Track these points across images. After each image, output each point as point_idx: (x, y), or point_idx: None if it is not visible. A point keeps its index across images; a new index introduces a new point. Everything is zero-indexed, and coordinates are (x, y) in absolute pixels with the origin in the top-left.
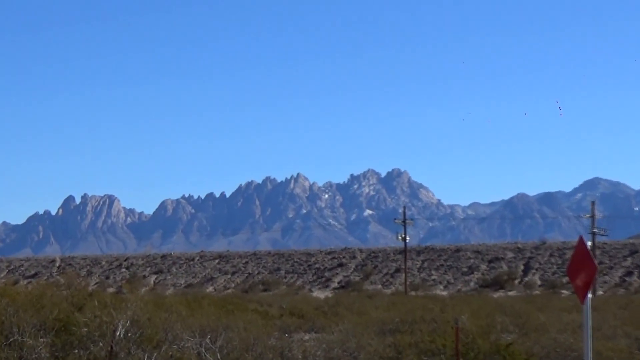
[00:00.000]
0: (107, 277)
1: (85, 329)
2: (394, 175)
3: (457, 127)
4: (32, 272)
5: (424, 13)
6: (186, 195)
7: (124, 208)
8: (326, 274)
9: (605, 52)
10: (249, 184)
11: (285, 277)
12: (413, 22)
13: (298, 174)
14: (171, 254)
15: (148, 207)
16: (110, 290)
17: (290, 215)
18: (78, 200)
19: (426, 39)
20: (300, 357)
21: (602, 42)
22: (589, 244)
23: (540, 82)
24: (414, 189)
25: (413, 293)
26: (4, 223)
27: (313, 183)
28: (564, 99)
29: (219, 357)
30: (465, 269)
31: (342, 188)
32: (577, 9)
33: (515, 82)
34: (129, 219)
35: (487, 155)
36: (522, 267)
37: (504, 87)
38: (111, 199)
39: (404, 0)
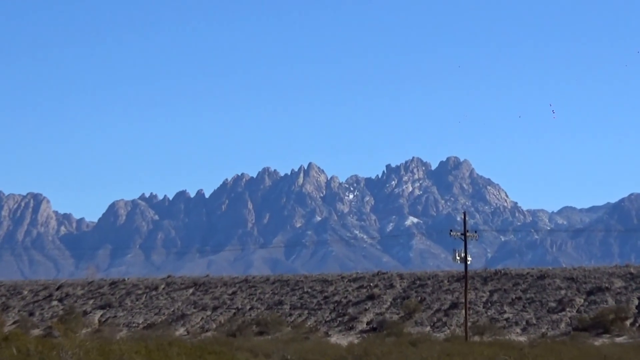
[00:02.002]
0: (31, 314)
1: None
2: (450, 167)
3: (540, 102)
4: None
5: None
6: (147, 195)
7: (56, 213)
8: (350, 310)
9: None
10: (237, 178)
11: (291, 315)
12: None
13: (310, 165)
14: (124, 280)
15: (91, 212)
16: (36, 332)
17: (298, 225)
18: None
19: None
20: None
21: None
22: None
23: None
24: (479, 187)
25: (477, 338)
26: None
27: (331, 177)
28: None
29: None
30: (553, 304)
31: (373, 185)
32: None
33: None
34: (63, 228)
35: (584, 142)
36: (636, 302)
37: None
38: (37, 200)
39: None
